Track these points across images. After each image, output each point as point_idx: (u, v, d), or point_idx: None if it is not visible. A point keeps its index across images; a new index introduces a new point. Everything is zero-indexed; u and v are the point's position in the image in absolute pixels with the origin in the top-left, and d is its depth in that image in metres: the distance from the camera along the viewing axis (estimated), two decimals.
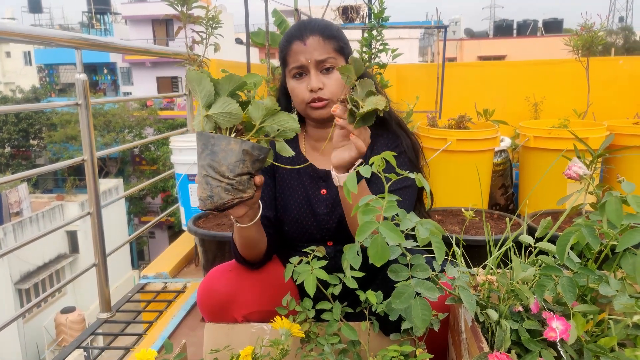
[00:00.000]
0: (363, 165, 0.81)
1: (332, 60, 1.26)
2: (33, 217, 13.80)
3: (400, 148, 1.33)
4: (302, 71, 1.27)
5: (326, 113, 1.28)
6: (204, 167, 1.01)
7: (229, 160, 0.99)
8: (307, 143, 1.42)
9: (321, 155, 1.39)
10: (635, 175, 2.33)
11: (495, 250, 1.05)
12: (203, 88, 1.00)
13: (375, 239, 0.70)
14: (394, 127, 1.36)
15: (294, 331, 1.07)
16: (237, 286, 1.29)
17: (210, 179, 1.00)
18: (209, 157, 0.99)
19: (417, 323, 0.76)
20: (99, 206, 2.00)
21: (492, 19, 39.31)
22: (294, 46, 1.26)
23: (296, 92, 1.28)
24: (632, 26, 31.47)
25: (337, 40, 1.28)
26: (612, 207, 0.73)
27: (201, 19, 2.39)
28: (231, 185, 1.00)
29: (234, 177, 1.00)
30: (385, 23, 2.58)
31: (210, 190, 1.00)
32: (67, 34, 1.93)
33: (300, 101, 1.29)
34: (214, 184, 0.99)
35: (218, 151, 0.99)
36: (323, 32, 1.26)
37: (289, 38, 1.28)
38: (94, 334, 1.95)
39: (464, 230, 1.97)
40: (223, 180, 0.99)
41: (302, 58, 1.25)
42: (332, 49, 1.26)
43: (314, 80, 1.25)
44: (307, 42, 1.25)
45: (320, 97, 1.26)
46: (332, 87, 1.26)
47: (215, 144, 0.99)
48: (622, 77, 4.14)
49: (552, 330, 0.79)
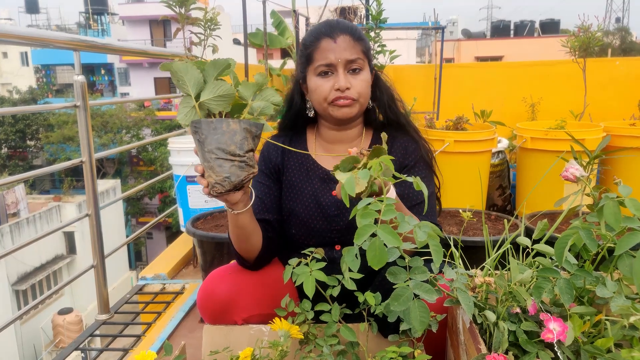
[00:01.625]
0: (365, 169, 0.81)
1: (360, 62, 1.26)
2: (30, 218, 13.76)
3: (417, 152, 1.34)
4: (329, 69, 1.26)
5: (350, 112, 1.28)
6: (212, 152, 1.03)
7: (236, 139, 1.03)
8: (317, 144, 1.41)
9: (332, 157, 1.38)
10: (632, 177, 2.34)
11: (493, 251, 1.06)
12: (192, 77, 1.01)
13: (374, 242, 0.71)
14: (412, 133, 1.36)
15: (292, 333, 1.08)
16: (238, 289, 1.29)
17: (222, 161, 1.03)
18: (215, 141, 1.02)
19: (415, 325, 0.77)
20: (97, 208, 2.00)
21: (490, 20, 39.39)
22: (322, 43, 1.25)
23: (320, 89, 1.27)
24: (629, 27, 31.59)
25: (365, 42, 1.29)
26: (610, 210, 0.74)
27: (199, 21, 2.39)
28: (244, 162, 1.04)
29: (244, 153, 1.04)
30: (383, 24, 2.59)
31: (227, 171, 1.03)
32: (66, 35, 1.93)
33: (322, 99, 1.28)
34: (228, 165, 1.03)
35: (222, 133, 1.02)
36: (353, 33, 1.27)
37: (317, 35, 1.27)
38: (93, 335, 1.95)
39: (462, 232, 1.97)
40: (235, 158, 1.03)
41: (331, 56, 1.24)
42: (361, 50, 1.27)
43: (343, 80, 1.24)
44: (338, 40, 1.24)
45: (347, 96, 1.26)
46: (359, 88, 1.26)
47: (217, 127, 1.02)
48: (618, 78, 4.16)
49: (550, 332, 0.80)
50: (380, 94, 1.35)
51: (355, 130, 1.37)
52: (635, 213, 0.73)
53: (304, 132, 1.44)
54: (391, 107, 1.36)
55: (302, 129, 1.44)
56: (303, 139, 1.43)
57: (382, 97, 1.35)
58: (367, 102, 1.32)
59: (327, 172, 1.37)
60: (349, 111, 1.28)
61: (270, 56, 4.48)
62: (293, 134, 1.44)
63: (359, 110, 1.30)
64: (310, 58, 1.28)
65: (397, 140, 1.35)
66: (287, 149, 1.39)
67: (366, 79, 1.28)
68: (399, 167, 1.33)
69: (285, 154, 1.40)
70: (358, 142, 1.38)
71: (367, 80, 1.29)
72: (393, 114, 1.36)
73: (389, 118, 1.36)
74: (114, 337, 1.92)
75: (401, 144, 1.35)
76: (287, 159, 1.40)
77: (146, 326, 2.00)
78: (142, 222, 18.79)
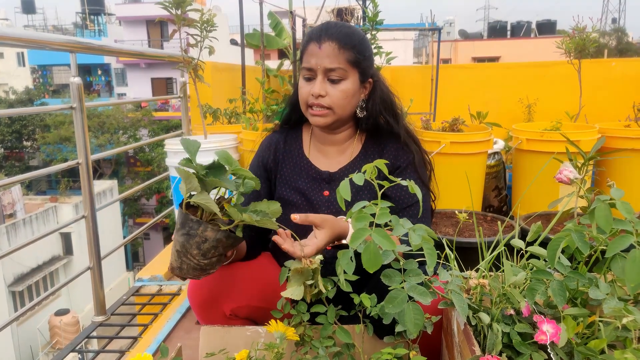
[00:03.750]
0: (359, 173, 0.81)
1: (341, 72, 1.24)
2: (27, 218, 13.73)
3: (407, 160, 1.33)
4: (311, 74, 1.26)
5: (322, 122, 1.28)
6: (178, 243, 1.05)
7: (203, 246, 1.03)
8: (312, 143, 1.42)
9: (325, 157, 1.39)
10: (626, 178, 2.35)
11: (487, 253, 1.06)
12: (189, 183, 1.02)
13: (369, 245, 0.71)
14: (404, 137, 1.35)
15: (288, 334, 1.08)
16: (227, 280, 1.30)
17: (181, 254, 1.05)
18: (183, 237, 1.04)
19: (409, 327, 0.78)
20: (93, 209, 1.99)
21: (486, 20, 39.48)
22: (310, 47, 1.26)
23: (301, 92, 1.29)
24: (625, 27, 31.70)
25: (354, 51, 1.25)
26: (601, 212, 0.74)
27: (196, 22, 2.40)
28: (199, 266, 1.06)
29: (204, 260, 1.05)
30: (379, 26, 2.60)
31: (180, 264, 1.06)
32: (63, 37, 1.93)
33: (302, 102, 1.30)
34: (185, 260, 1.05)
35: (194, 235, 1.03)
36: (342, 40, 1.23)
37: (309, 37, 1.28)
38: (89, 337, 1.94)
39: (458, 233, 1.98)
40: (193, 260, 1.05)
41: (312, 61, 1.24)
42: (346, 59, 1.24)
43: (317, 87, 1.24)
44: (322, 46, 1.23)
45: (321, 104, 1.26)
46: (334, 97, 1.25)
47: (193, 227, 1.02)
48: (614, 79, 4.18)
49: (543, 334, 0.80)
50: (373, 105, 1.33)
51: (344, 134, 1.38)
52: (626, 216, 0.74)
53: (300, 130, 1.45)
54: (385, 117, 1.34)
55: (299, 125, 1.46)
56: (299, 136, 1.44)
57: (375, 107, 1.33)
58: (346, 113, 1.30)
59: (320, 171, 1.38)
60: (322, 120, 1.28)
61: (268, 57, 4.49)
62: (289, 131, 1.46)
63: (335, 120, 1.30)
64: (301, 57, 1.30)
65: (389, 144, 1.35)
66: (281, 146, 1.42)
67: (345, 90, 1.26)
68: (391, 168, 1.34)
69: (279, 151, 1.42)
70: (350, 144, 1.39)
71: (346, 90, 1.26)
72: (386, 124, 1.35)
73: (381, 126, 1.36)
74: (111, 338, 1.92)
75: (393, 146, 1.35)
76: (281, 156, 1.41)
77: (143, 328, 2.00)
78: (139, 223, 18.75)
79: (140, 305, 2.22)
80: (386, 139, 1.36)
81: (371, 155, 1.37)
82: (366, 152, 1.38)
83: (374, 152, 1.38)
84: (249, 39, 4.80)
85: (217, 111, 3.14)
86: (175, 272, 1.08)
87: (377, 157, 1.36)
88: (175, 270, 1.08)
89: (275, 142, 1.43)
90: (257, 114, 3.24)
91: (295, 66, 3.75)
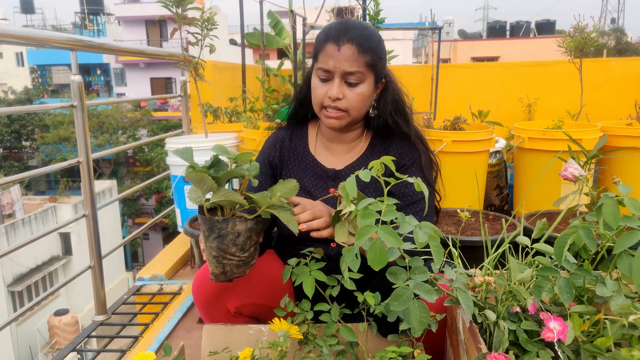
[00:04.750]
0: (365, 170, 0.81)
1: (359, 75, 1.23)
2: (26, 219, 13.71)
3: (413, 159, 1.33)
4: (328, 75, 1.24)
5: (338, 124, 1.28)
6: (213, 249, 1.05)
7: (239, 241, 1.04)
8: (318, 140, 1.41)
9: (331, 155, 1.39)
10: (628, 176, 2.35)
11: (492, 251, 1.06)
12: (204, 184, 1.01)
13: (375, 242, 0.70)
14: (410, 137, 1.34)
15: (292, 333, 1.07)
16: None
17: (221, 259, 1.05)
18: (217, 241, 1.03)
19: (414, 325, 0.77)
20: (94, 208, 1.99)
21: (486, 20, 39.49)
22: (328, 47, 1.23)
23: (316, 92, 1.28)
24: (624, 27, 31.73)
25: (373, 54, 1.23)
26: (609, 209, 0.74)
27: (196, 21, 2.39)
28: (242, 261, 1.06)
29: (244, 254, 1.06)
30: (380, 24, 2.59)
31: (223, 267, 1.06)
32: (63, 35, 1.92)
33: (317, 102, 1.28)
34: (226, 262, 1.05)
35: (226, 234, 1.03)
36: (362, 43, 1.21)
37: (327, 36, 1.24)
38: (90, 336, 1.94)
39: (460, 231, 1.98)
40: (233, 258, 1.05)
41: (331, 63, 1.22)
42: (364, 62, 1.22)
43: (335, 90, 1.23)
44: (342, 49, 1.21)
45: (338, 106, 1.25)
46: (351, 101, 1.25)
47: (222, 227, 1.03)
48: (614, 78, 4.18)
49: (550, 331, 0.80)
50: (384, 105, 1.32)
51: (354, 132, 1.38)
52: (634, 212, 0.73)
53: (306, 126, 1.45)
54: (394, 117, 1.33)
55: (305, 122, 1.45)
56: (304, 133, 1.43)
57: (385, 107, 1.32)
58: (361, 115, 1.30)
59: (325, 169, 1.37)
60: (337, 122, 1.27)
61: (267, 56, 4.49)
62: (295, 127, 1.45)
63: (350, 122, 1.30)
64: (316, 56, 1.28)
65: (395, 142, 1.35)
66: (287, 143, 1.41)
67: (362, 93, 1.25)
68: (396, 166, 1.33)
69: (284, 148, 1.41)
70: (357, 143, 1.38)
71: (363, 94, 1.25)
72: (395, 124, 1.34)
73: (390, 125, 1.35)
74: (112, 338, 1.91)
75: (399, 144, 1.35)
76: (286, 153, 1.41)
77: (143, 327, 1.99)
78: (138, 223, 18.72)
79: (141, 305, 2.21)
80: (393, 137, 1.36)
81: (377, 153, 1.37)
82: (373, 150, 1.37)
83: (380, 150, 1.37)
84: (249, 38, 4.79)
85: (218, 110, 3.13)
86: (220, 278, 1.09)
87: (384, 155, 1.35)
88: (219, 277, 1.08)
89: (281, 139, 1.43)
90: (258, 113, 3.23)
91: (295, 66, 3.74)
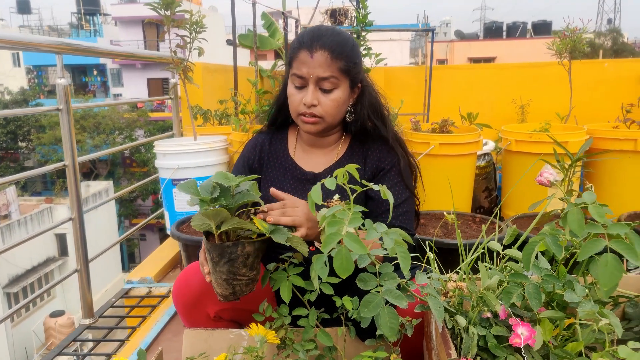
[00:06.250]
0: (331, 177, 0.81)
1: (333, 81, 1.24)
2: (21, 220, 13.67)
3: (392, 163, 1.33)
4: (302, 82, 1.25)
5: (314, 129, 1.29)
6: (223, 273, 1.07)
7: (248, 261, 1.06)
8: (298, 145, 1.42)
9: (311, 158, 1.39)
10: (614, 179, 2.36)
11: (469, 255, 1.06)
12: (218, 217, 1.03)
13: (340, 250, 0.71)
14: (389, 141, 1.35)
15: (269, 338, 1.08)
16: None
17: (231, 280, 1.07)
18: (227, 265, 1.06)
19: (385, 332, 0.77)
20: (80, 211, 1.99)
21: (482, 21, 39.56)
22: (301, 54, 1.24)
23: (292, 99, 1.29)
24: (620, 28, 31.82)
25: (347, 59, 1.24)
26: (573, 216, 0.74)
27: (185, 23, 2.39)
28: (251, 279, 1.09)
29: (253, 272, 1.08)
30: (369, 27, 2.60)
31: (233, 288, 1.08)
32: (49, 39, 1.92)
33: (293, 109, 1.30)
34: (236, 283, 1.08)
35: (236, 257, 1.05)
36: (334, 49, 1.22)
37: (300, 43, 1.25)
38: (76, 340, 1.94)
39: (447, 234, 1.98)
40: (243, 279, 1.08)
41: (304, 70, 1.23)
42: (338, 68, 1.23)
43: (310, 96, 1.24)
44: (315, 55, 1.22)
45: (313, 112, 1.25)
46: (326, 107, 1.25)
47: (232, 251, 1.05)
48: (607, 80, 4.19)
49: (517, 337, 0.80)
50: (361, 109, 1.33)
51: (332, 137, 1.39)
52: (598, 220, 0.74)
53: (285, 131, 1.46)
54: (372, 121, 1.34)
55: (285, 127, 1.46)
56: (284, 137, 1.44)
57: (363, 112, 1.33)
58: (337, 120, 1.31)
59: (304, 172, 1.38)
60: (313, 128, 1.28)
61: (264, 57, 4.49)
62: (275, 132, 1.46)
63: (326, 127, 1.31)
64: (290, 63, 1.29)
65: (374, 146, 1.36)
66: (266, 147, 1.42)
67: (337, 99, 1.26)
68: (375, 170, 1.34)
69: (264, 152, 1.42)
70: (336, 146, 1.39)
71: (338, 99, 1.26)
72: (373, 128, 1.35)
73: (368, 129, 1.36)
74: (98, 341, 1.91)
75: (377, 148, 1.36)
76: (266, 157, 1.42)
77: (131, 330, 1.99)
78: (135, 224, 18.69)
79: (129, 308, 2.21)
80: (372, 141, 1.37)
81: (356, 156, 1.38)
82: (351, 154, 1.38)
83: (359, 153, 1.38)
84: (242, 39, 4.79)
85: (208, 112, 3.13)
86: (230, 298, 1.10)
87: (362, 158, 1.36)
88: (229, 297, 1.10)
89: (261, 143, 1.44)
90: (249, 115, 3.24)
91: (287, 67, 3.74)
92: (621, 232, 0.72)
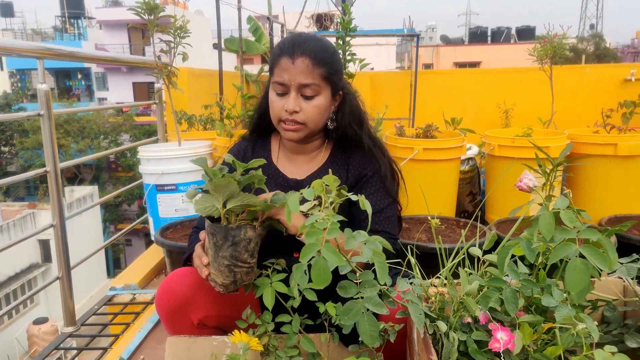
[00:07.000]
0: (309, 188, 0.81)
1: (315, 87, 1.24)
2: (4, 225, 13.45)
3: (374, 169, 1.34)
4: (284, 89, 1.25)
5: (296, 136, 1.29)
6: (226, 258, 1.08)
7: (250, 247, 1.08)
8: (281, 152, 1.42)
9: (294, 165, 1.40)
10: (595, 183, 2.40)
11: (449, 260, 1.07)
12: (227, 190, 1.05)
13: (317, 261, 0.71)
14: (370, 147, 1.36)
15: (252, 345, 1.07)
16: (196, 289, 1.27)
17: (233, 267, 1.08)
18: (230, 249, 1.07)
19: (364, 339, 0.78)
20: (62, 218, 1.96)
21: (468, 26, 40.00)
22: (282, 61, 1.24)
23: (273, 106, 1.29)
24: (602, 33, 32.41)
25: (328, 66, 1.25)
26: (544, 221, 0.76)
27: (169, 28, 2.38)
28: (251, 267, 1.10)
29: (253, 260, 1.10)
30: (352, 33, 2.61)
31: (234, 276, 1.09)
32: (30, 44, 1.90)
33: (275, 116, 1.30)
34: (237, 270, 1.09)
35: (239, 241, 1.07)
36: (315, 56, 1.23)
37: (281, 50, 1.26)
38: (58, 348, 1.91)
39: (431, 238, 2.00)
40: (244, 265, 1.09)
41: (286, 76, 1.23)
42: (319, 75, 1.24)
43: (292, 103, 1.24)
44: (296, 62, 1.22)
45: (295, 119, 1.26)
46: (308, 113, 1.26)
47: (236, 234, 1.06)
48: (588, 85, 4.27)
49: (497, 341, 0.81)
50: (342, 117, 1.34)
51: (315, 143, 1.39)
52: (569, 225, 0.75)
53: (268, 138, 1.46)
54: (353, 128, 1.35)
55: (267, 133, 1.46)
56: (267, 144, 1.44)
57: (344, 119, 1.34)
58: (319, 127, 1.32)
59: (287, 178, 1.38)
60: (295, 135, 1.29)
61: (251, 61, 4.49)
62: (257, 139, 1.46)
63: (308, 134, 1.31)
64: (272, 70, 1.29)
65: (356, 152, 1.37)
66: (249, 153, 1.42)
67: (319, 105, 1.27)
68: (357, 177, 1.35)
69: (247, 158, 1.41)
70: (318, 153, 1.40)
71: (319, 106, 1.27)
72: (354, 134, 1.36)
73: (350, 136, 1.37)
74: (80, 350, 1.89)
75: (359, 155, 1.37)
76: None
77: (114, 338, 1.97)
78: (121, 229, 18.48)
79: (112, 315, 2.19)
80: (354, 147, 1.38)
81: (338, 163, 1.38)
82: (334, 160, 1.39)
83: (341, 160, 1.39)
84: (228, 44, 4.78)
85: (192, 117, 3.12)
86: (230, 288, 1.11)
87: (344, 165, 1.37)
88: (229, 287, 1.11)
89: (244, 150, 1.44)
90: (235, 120, 3.23)
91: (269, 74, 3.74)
92: (593, 237, 0.73)
